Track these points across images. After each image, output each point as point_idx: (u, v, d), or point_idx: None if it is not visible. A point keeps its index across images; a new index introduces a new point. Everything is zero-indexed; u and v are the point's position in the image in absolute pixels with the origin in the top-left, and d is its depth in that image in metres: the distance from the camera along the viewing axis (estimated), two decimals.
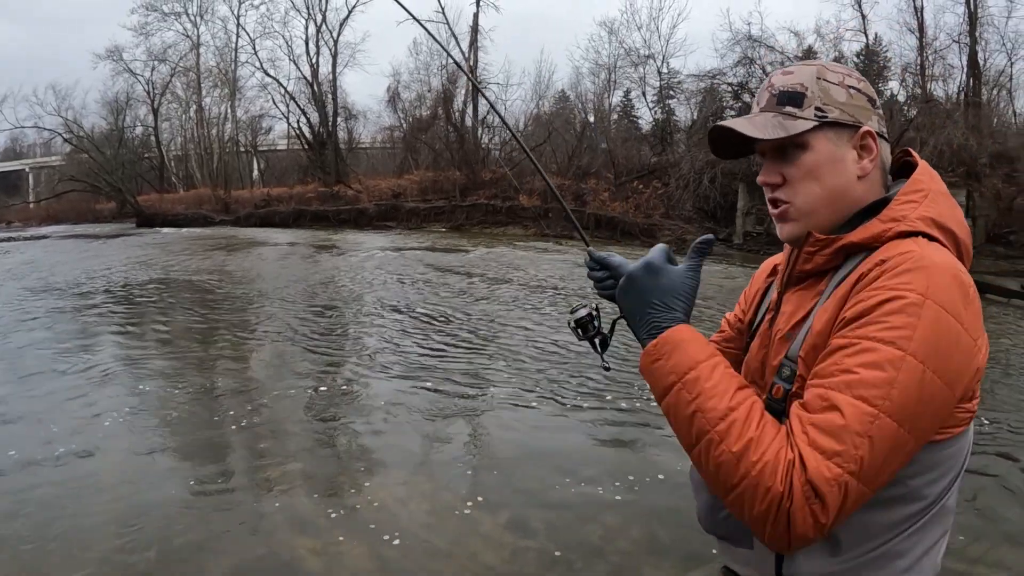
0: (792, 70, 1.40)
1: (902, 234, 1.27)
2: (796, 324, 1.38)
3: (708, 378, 1.25)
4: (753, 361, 1.51)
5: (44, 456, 5.63)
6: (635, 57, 38.09)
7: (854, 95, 1.37)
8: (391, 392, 7.44)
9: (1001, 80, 28.20)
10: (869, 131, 1.35)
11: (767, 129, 1.35)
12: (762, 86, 1.45)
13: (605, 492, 5.13)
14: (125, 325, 11.34)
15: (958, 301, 1.17)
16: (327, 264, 19.88)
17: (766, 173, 1.42)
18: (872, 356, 1.14)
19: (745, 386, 1.25)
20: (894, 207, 1.30)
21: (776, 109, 1.38)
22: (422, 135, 41.91)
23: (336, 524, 4.57)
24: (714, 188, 27.67)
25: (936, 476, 1.26)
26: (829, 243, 1.33)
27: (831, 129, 1.35)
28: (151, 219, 40.81)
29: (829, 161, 1.35)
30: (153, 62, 48.10)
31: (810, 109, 1.35)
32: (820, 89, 1.36)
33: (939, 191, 1.34)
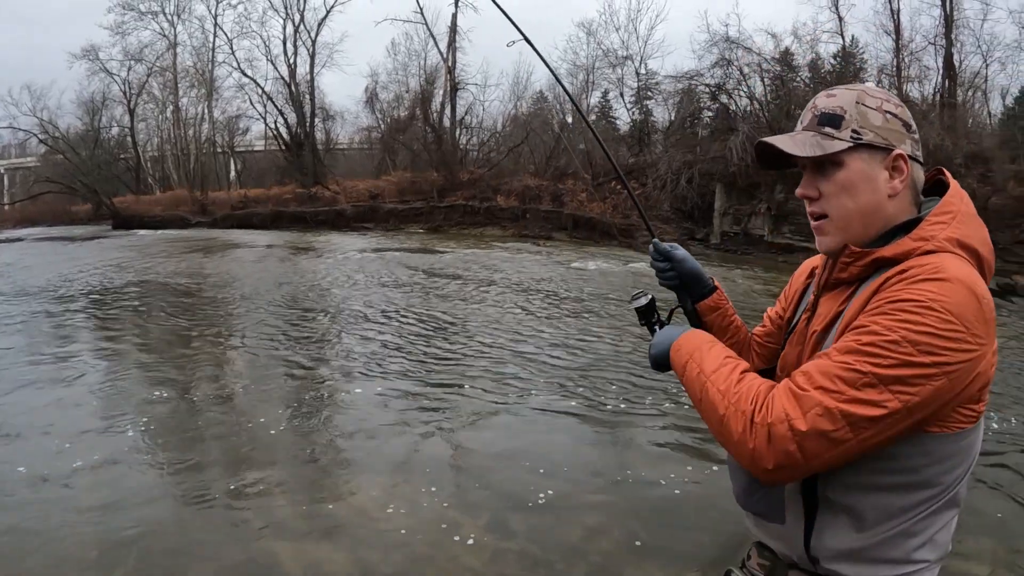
0: (835, 93, 1.52)
1: (929, 252, 1.38)
2: (828, 325, 1.52)
3: (709, 350, 1.56)
4: (789, 356, 1.67)
5: (17, 463, 5.56)
6: (613, 58, 38.17)
7: (890, 120, 1.48)
8: (370, 396, 7.41)
9: (976, 81, 28.48)
10: (901, 154, 1.46)
11: (805, 147, 1.49)
12: (808, 106, 1.57)
13: (585, 493, 5.14)
14: (100, 330, 11.21)
15: (967, 309, 1.28)
16: (305, 267, 19.78)
17: (804, 186, 1.56)
18: (869, 335, 1.30)
19: (735, 356, 1.54)
20: (924, 227, 1.42)
21: (816, 129, 1.51)
22: (400, 136, 41.76)
23: (315, 529, 4.55)
24: (691, 189, 27.74)
25: (949, 466, 1.40)
26: (863, 256, 1.46)
27: (865, 150, 1.46)
28: (127, 221, 40.42)
29: (862, 179, 1.47)
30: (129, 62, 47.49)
31: (847, 131, 1.47)
32: (858, 113, 1.47)
33: (967, 212, 1.45)
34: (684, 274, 2.01)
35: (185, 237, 31.66)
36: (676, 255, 2.01)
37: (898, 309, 1.30)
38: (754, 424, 1.34)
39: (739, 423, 1.37)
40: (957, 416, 1.37)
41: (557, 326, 11.08)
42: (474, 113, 41.39)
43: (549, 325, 11.18)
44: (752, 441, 1.34)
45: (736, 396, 1.40)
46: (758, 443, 1.33)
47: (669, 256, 2.01)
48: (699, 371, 1.52)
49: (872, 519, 1.41)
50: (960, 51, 27.35)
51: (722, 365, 1.50)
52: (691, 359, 1.57)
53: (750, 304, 14.11)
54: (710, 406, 1.45)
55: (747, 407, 1.37)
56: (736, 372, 1.47)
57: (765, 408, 1.35)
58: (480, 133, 41.76)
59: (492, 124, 41.94)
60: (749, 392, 1.40)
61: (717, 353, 1.55)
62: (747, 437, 1.34)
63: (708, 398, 1.46)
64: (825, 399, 1.29)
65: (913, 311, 1.28)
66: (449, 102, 40.00)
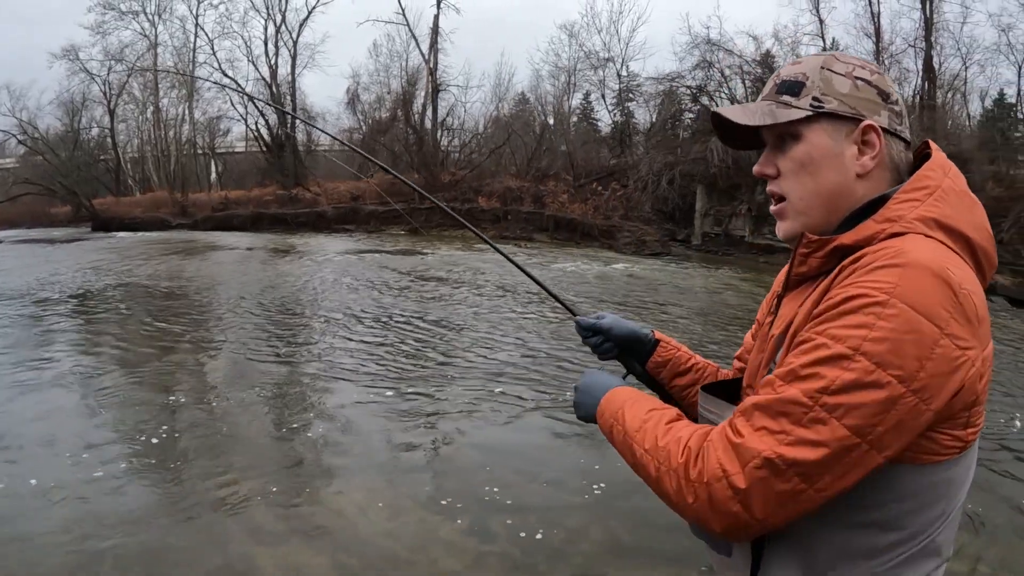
0: (801, 60, 1.34)
1: (896, 235, 1.16)
2: (786, 328, 1.30)
3: (632, 407, 1.38)
4: (752, 364, 1.46)
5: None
6: (595, 60, 38.30)
7: (861, 87, 1.26)
8: (350, 399, 7.38)
9: (955, 84, 28.83)
10: (871, 125, 1.24)
11: (755, 116, 1.31)
12: (772, 76, 1.38)
13: (566, 494, 5.13)
14: (79, 335, 11.09)
15: (936, 302, 1.05)
16: (286, 269, 19.68)
17: (761, 163, 1.36)
18: (820, 353, 1.08)
19: (660, 407, 1.35)
20: (891, 206, 1.19)
21: (774, 98, 1.32)
22: (381, 137, 41.63)
23: (295, 533, 4.52)
24: (672, 190, 27.85)
25: (915, 506, 1.15)
26: (822, 245, 1.24)
27: (828, 121, 1.26)
28: (107, 223, 40.00)
29: (824, 155, 1.26)
30: (110, 62, 47.08)
31: (806, 99, 1.27)
32: (822, 79, 1.27)
33: (951, 188, 1.21)
34: (620, 340, 1.80)
35: (165, 239, 31.41)
36: (603, 325, 1.80)
37: (846, 311, 1.08)
38: (690, 481, 1.14)
39: (672, 481, 1.18)
40: (934, 445, 1.13)
41: (538, 327, 11.07)
42: (456, 115, 41.43)
43: (530, 326, 11.17)
44: (691, 499, 1.14)
45: (664, 452, 1.21)
46: (699, 504, 1.13)
47: (596, 329, 1.80)
48: (624, 434, 1.34)
49: (825, 559, 1.19)
50: (940, 54, 27.74)
51: (645, 420, 1.31)
52: (615, 422, 1.39)
53: (732, 305, 14.15)
54: (642, 470, 1.27)
55: (677, 462, 1.17)
56: (661, 424, 1.27)
57: (700, 460, 1.14)
58: (462, 135, 41.77)
59: (474, 126, 42.01)
60: (678, 444, 1.19)
61: (640, 408, 1.36)
62: (684, 496, 1.15)
63: (638, 461, 1.28)
64: (764, 445, 1.07)
65: (865, 312, 1.06)
66: (431, 103, 39.97)
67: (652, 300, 14.61)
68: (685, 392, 1.79)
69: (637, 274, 19.20)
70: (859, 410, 1.04)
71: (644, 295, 15.29)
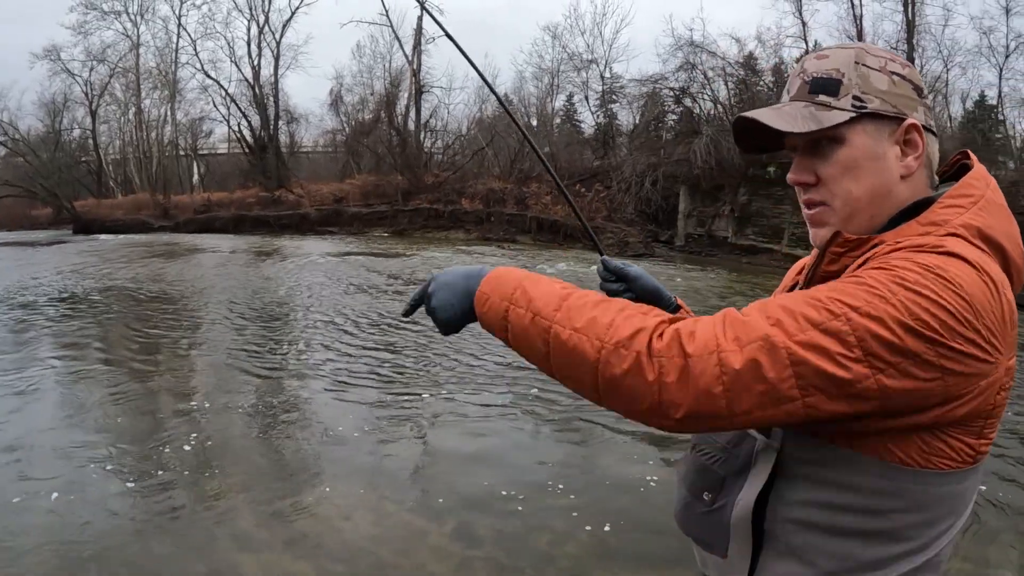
0: (827, 53, 1.23)
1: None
2: None
3: (535, 285, 1.19)
4: None
5: None
6: (578, 62, 38.50)
7: (898, 83, 1.19)
8: (334, 403, 7.33)
9: (937, 86, 28.96)
10: (915, 124, 1.18)
11: (797, 121, 1.19)
12: (793, 71, 1.28)
13: (552, 497, 5.11)
14: (60, 338, 10.94)
15: (984, 297, 1.00)
16: (269, 272, 19.58)
17: (797, 171, 1.25)
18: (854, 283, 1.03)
19: (570, 286, 1.19)
20: (936, 210, 1.14)
21: (808, 98, 1.21)
22: (364, 139, 41.54)
23: (279, 540, 4.47)
24: (656, 191, 27.96)
25: (924, 518, 1.10)
26: (859, 244, 1.16)
27: (871, 121, 1.18)
28: (88, 225, 39.70)
29: (868, 158, 1.18)
30: (92, 62, 46.58)
31: (847, 98, 1.18)
32: (859, 75, 1.19)
33: (993, 200, 1.16)
34: (642, 295, 1.66)
35: (147, 242, 31.21)
36: (630, 273, 1.67)
37: (896, 267, 1.01)
38: (653, 354, 1.01)
39: (625, 359, 1.03)
40: (947, 448, 1.07)
41: None
42: (439, 116, 41.45)
43: None
44: (652, 376, 1.01)
45: (611, 328, 1.06)
46: (662, 381, 1.01)
47: (624, 275, 1.67)
48: (533, 316, 1.15)
49: (826, 567, 1.13)
50: (922, 56, 27.97)
51: (564, 299, 1.14)
52: (512, 305, 1.18)
53: (716, 306, 14.17)
54: (573, 354, 1.09)
55: (634, 332, 1.04)
56: (590, 299, 1.12)
57: (673, 334, 1.03)
58: (445, 136, 41.77)
59: (457, 127, 42.01)
60: (631, 319, 1.07)
61: (549, 287, 1.18)
62: (642, 373, 1.02)
63: (565, 344, 1.10)
64: (775, 333, 0.99)
65: (918, 273, 0.99)
66: (414, 105, 39.95)
67: None
68: None
69: None
70: (883, 355, 0.96)
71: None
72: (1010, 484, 5.39)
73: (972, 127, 28.46)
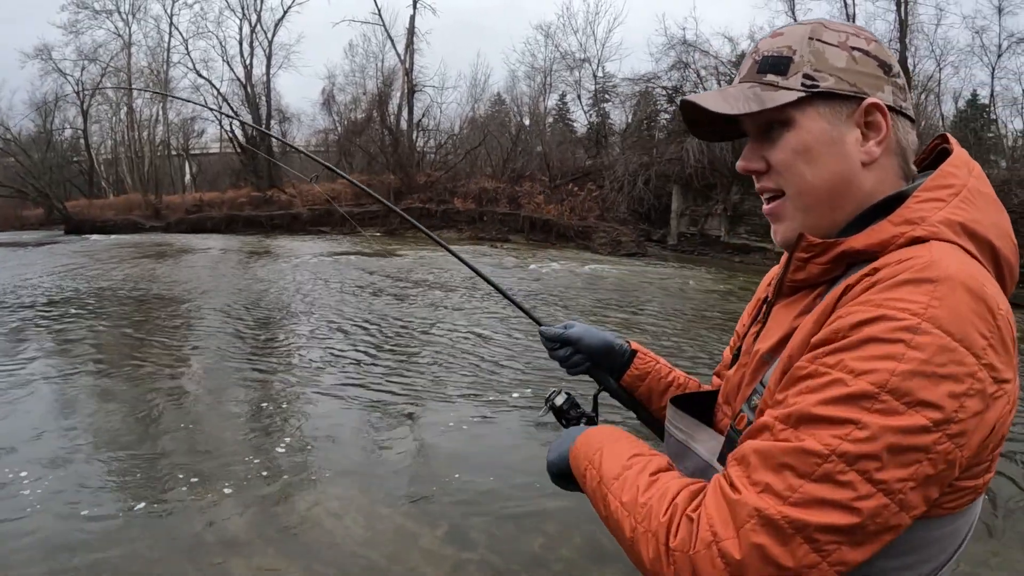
0: (783, 31, 1.14)
1: (917, 240, 0.98)
2: (777, 344, 1.12)
3: (612, 447, 1.16)
4: (731, 380, 1.26)
5: None
6: (571, 61, 38.52)
7: (859, 59, 1.08)
8: (326, 405, 7.29)
9: (929, 85, 29.14)
10: (876, 104, 1.06)
11: (738, 102, 1.10)
12: (749, 50, 1.17)
13: (545, 499, 5.08)
14: (52, 340, 10.86)
15: (975, 326, 0.87)
16: (261, 272, 19.52)
17: (746, 157, 1.15)
18: (835, 391, 0.87)
19: (646, 452, 1.12)
20: (912, 205, 1.01)
21: (756, 78, 1.12)
22: (357, 138, 41.47)
23: (270, 543, 4.43)
24: (648, 190, 27.96)
25: (913, 561, 1.00)
26: (826, 248, 1.06)
27: (824, 102, 1.07)
28: (80, 226, 39.47)
29: (822, 142, 1.07)
30: (83, 62, 46.39)
31: (796, 77, 1.08)
32: (812, 52, 1.08)
33: (977, 189, 1.04)
34: (591, 352, 1.61)
35: (138, 242, 31.07)
36: (571, 335, 1.60)
37: (867, 339, 0.88)
38: (670, 550, 0.92)
39: (649, 546, 0.96)
40: (952, 493, 0.97)
41: (513, 330, 11.02)
42: (431, 115, 41.39)
43: (506, 329, 11.12)
44: (670, 570, 0.92)
45: (645, 510, 0.99)
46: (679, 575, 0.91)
47: (564, 339, 1.60)
48: (598, 480, 1.12)
49: None
50: (914, 55, 28.13)
51: (626, 468, 1.08)
52: (590, 465, 1.16)
53: (709, 307, 14.18)
54: (616, 528, 1.05)
55: (659, 522, 0.95)
56: (644, 474, 1.05)
57: (687, 522, 0.93)
58: (437, 135, 41.68)
59: (449, 126, 41.96)
60: (662, 502, 0.98)
61: (621, 452, 1.13)
62: (662, 566, 0.93)
63: (611, 516, 1.06)
64: (768, 504, 0.86)
65: (891, 339, 0.86)
66: (406, 104, 39.90)
67: (627, 301, 14.61)
68: (665, 411, 1.55)
69: (612, 275, 19.21)
70: (888, 463, 0.84)
71: (617, 296, 15.29)
72: (1009, 483, 5.39)
73: (964, 126, 28.53)
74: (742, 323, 1.46)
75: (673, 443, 1.28)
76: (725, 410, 1.26)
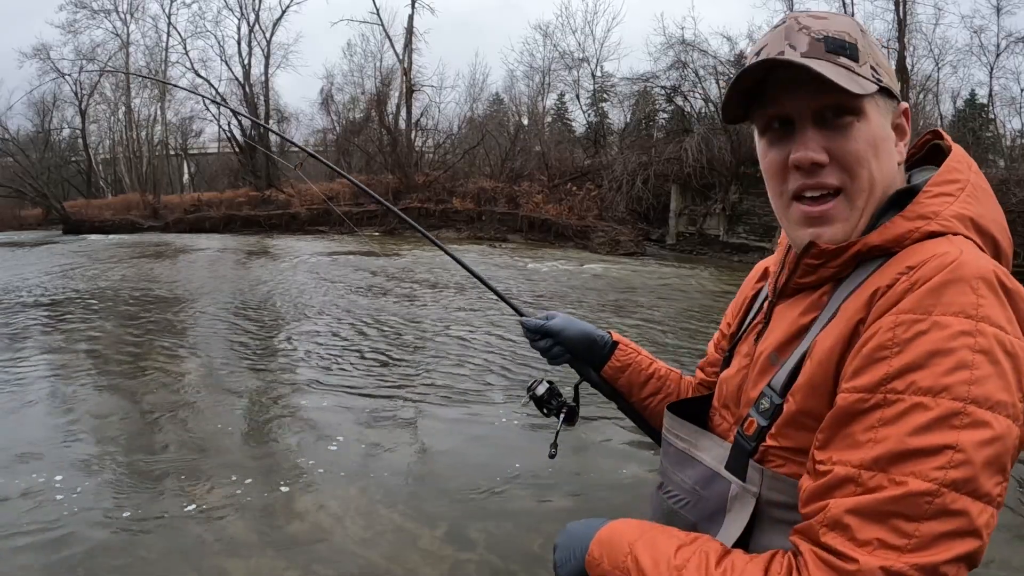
0: (824, 15, 1.06)
1: (931, 235, 0.97)
2: (783, 343, 1.09)
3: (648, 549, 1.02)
4: (730, 382, 1.23)
5: None
6: (569, 60, 38.47)
7: (888, 62, 1.07)
8: (325, 406, 7.27)
9: (928, 84, 29.16)
10: (907, 108, 1.08)
11: (852, 80, 1.00)
12: (782, 27, 1.06)
13: (544, 499, 5.08)
14: (49, 342, 10.84)
15: (1011, 315, 0.88)
16: (259, 272, 19.49)
17: (808, 147, 1.03)
18: (919, 418, 0.82)
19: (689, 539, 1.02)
20: (923, 200, 1.00)
21: (828, 57, 1.01)
22: (355, 138, 41.42)
23: (269, 544, 4.43)
24: (647, 190, 27.93)
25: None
26: (840, 252, 1.02)
27: (882, 98, 1.04)
28: (78, 226, 39.37)
29: (882, 138, 1.03)
30: (81, 61, 46.41)
31: (867, 67, 1.02)
32: (869, 44, 1.04)
33: (979, 185, 1.04)
34: (571, 344, 1.60)
35: (136, 242, 31.02)
36: (552, 327, 1.59)
37: (931, 352, 0.84)
38: None
39: None
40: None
41: (511, 330, 11.01)
42: (430, 115, 41.30)
43: (504, 329, 11.11)
44: None
45: None
46: None
47: (545, 331, 1.60)
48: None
49: None
50: (913, 55, 28.10)
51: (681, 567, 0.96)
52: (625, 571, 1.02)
53: (708, 306, 14.17)
54: None
55: None
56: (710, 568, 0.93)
57: None
58: (436, 135, 41.62)
59: (448, 126, 41.87)
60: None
61: (662, 546, 1.01)
62: None
63: None
64: (889, 559, 0.79)
65: (955, 347, 0.83)
66: (405, 104, 39.80)
67: (625, 299, 14.60)
68: (647, 401, 1.61)
69: (611, 274, 19.20)
70: (988, 472, 0.81)
71: (616, 296, 15.28)
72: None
73: (963, 126, 28.53)
74: (726, 321, 1.45)
75: (673, 452, 1.25)
76: (724, 414, 1.23)
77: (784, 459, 1.02)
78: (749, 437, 1.07)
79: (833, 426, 0.90)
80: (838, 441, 0.89)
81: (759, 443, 1.05)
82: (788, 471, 1.01)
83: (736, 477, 1.08)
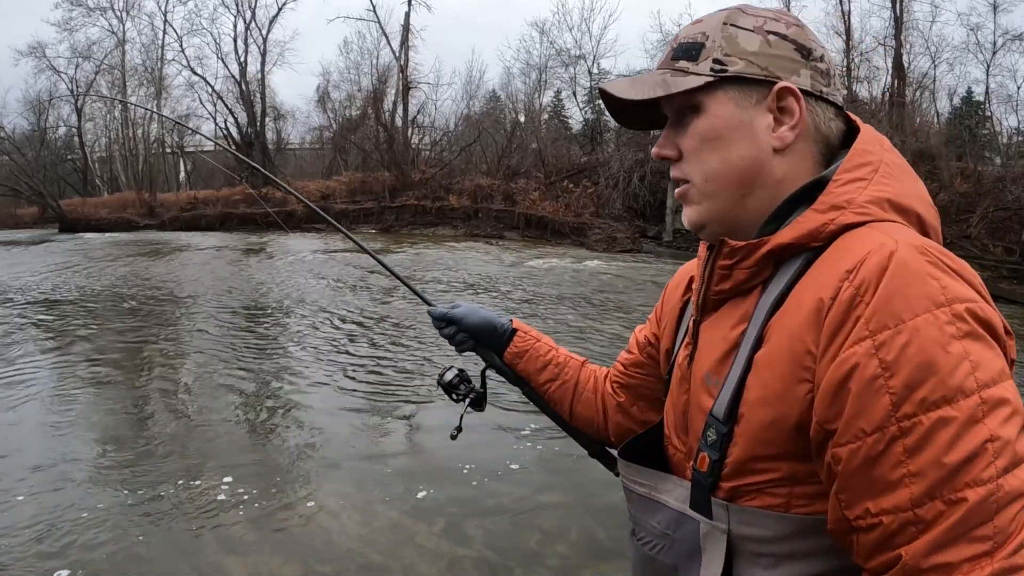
0: (703, 18, 1.09)
1: (849, 227, 0.94)
2: (719, 364, 1.05)
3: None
4: (676, 408, 1.19)
5: None
6: (566, 57, 38.49)
7: (774, 43, 1.02)
8: (322, 404, 7.28)
9: (924, 82, 29.14)
10: (788, 88, 1.00)
11: (645, 88, 1.06)
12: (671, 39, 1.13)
13: (541, 495, 5.10)
14: (46, 339, 10.83)
15: (960, 282, 0.85)
16: (256, 270, 19.49)
17: (660, 144, 1.11)
18: (945, 433, 0.79)
19: None
20: (834, 190, 0.96)
21: (669, 65, 1.07)
22: (351, 135, 41.38)
23: (267, 541, 4.43)
24: (643, 186, 27.96)
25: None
26: (750, 251, 1.00)
27: (734, 87, 1.02)
28: (74, 224, 39.28)
29: (730, 127, 1.02)
30: (77, 59, 46.24)
31: (706, 62, 1.03)
32: (724, 37, 1.03)
33: (893, 162, 1.01)
34: (473, 330, 1.69)
35: (133, 240, 30.98)
36: (455, 315, 1.69)
37: (925, 363, 0.80)
38: None
39: None
40: None
41: None
42: (426, 112, 41.26)
43: None
44: None
45: None
46: None
47: (449, 318, 1.69)
48: None
49: None
50: (909, 52, 28.11)
51: None
52: None
53: None
54: None
55: None
56: None
57: None
58: (432, 132, 41.57)
59: (444, 123, 41.81)
60: None
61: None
62: None
63: None
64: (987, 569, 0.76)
65: (942, 342, 0.80)
66: (401, 101, 39.78)
67: (622, 298, 14.61)
68: (545, 387, 1.69)
69: (607, 272, 19.22)
70: (1021, 436, 0.80)
71: (612, 293, 15.30)
72: None
73: (959, 123, 28.59)
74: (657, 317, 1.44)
75: (636, 498, 1.18)
76: (676, 443, 1.18)
77: (755, 492, 0.97)
78: (704, 473, 1.02)
79: (851, 478, 0.85)
80: (867, 490, 0.83)
81: (716, 480, 1.01)
82: (760, 503, 0.96)
83: (702, 515, 1.03)
